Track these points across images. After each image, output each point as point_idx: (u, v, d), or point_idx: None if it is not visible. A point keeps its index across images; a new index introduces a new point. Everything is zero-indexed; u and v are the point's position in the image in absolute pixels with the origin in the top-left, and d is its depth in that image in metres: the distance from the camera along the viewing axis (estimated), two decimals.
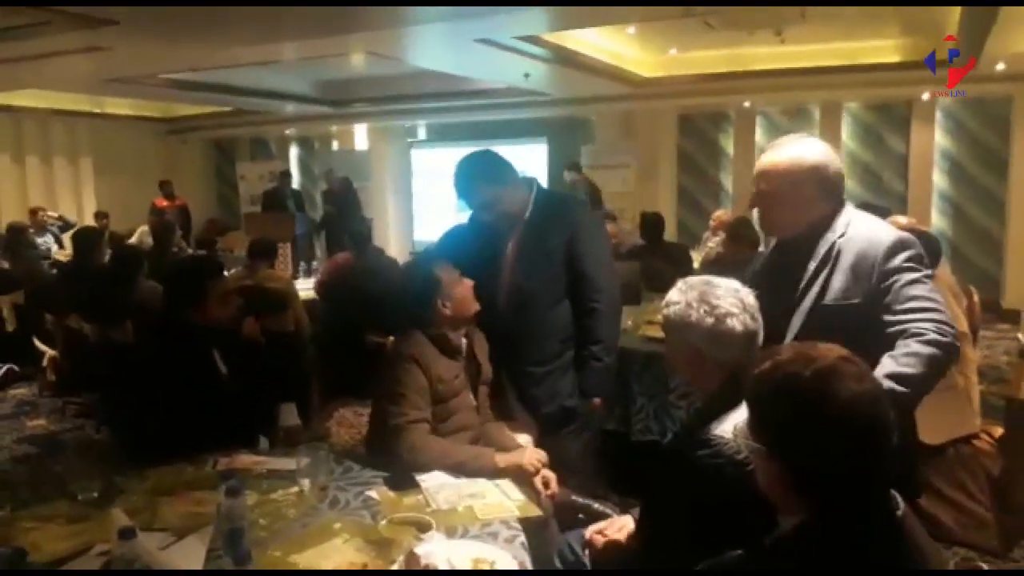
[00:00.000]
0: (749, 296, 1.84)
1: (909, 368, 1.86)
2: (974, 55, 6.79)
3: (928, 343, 1.88)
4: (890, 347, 1.92)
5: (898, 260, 2.00)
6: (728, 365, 1.78)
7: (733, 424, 1.65)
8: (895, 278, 1.98)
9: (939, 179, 8.94)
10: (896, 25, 7.56)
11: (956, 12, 6.28)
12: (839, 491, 1.23)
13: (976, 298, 4.46)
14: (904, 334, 1.91)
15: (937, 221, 8.88)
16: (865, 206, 2.22)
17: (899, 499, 1.26)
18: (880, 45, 7.99)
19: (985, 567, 1.49)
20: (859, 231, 2.08)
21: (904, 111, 9.02)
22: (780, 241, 2.31)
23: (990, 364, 5.82)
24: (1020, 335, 6.67)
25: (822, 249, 2.08)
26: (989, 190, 8.70)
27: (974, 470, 3.30)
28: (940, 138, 8.89)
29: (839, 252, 2.06)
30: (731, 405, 1.69)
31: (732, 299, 1.80)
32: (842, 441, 1.21)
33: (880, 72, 8.07)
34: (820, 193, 2.11)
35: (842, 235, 2.08)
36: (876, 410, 1.24)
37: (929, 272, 2.04)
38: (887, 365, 1.88)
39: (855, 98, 9.19)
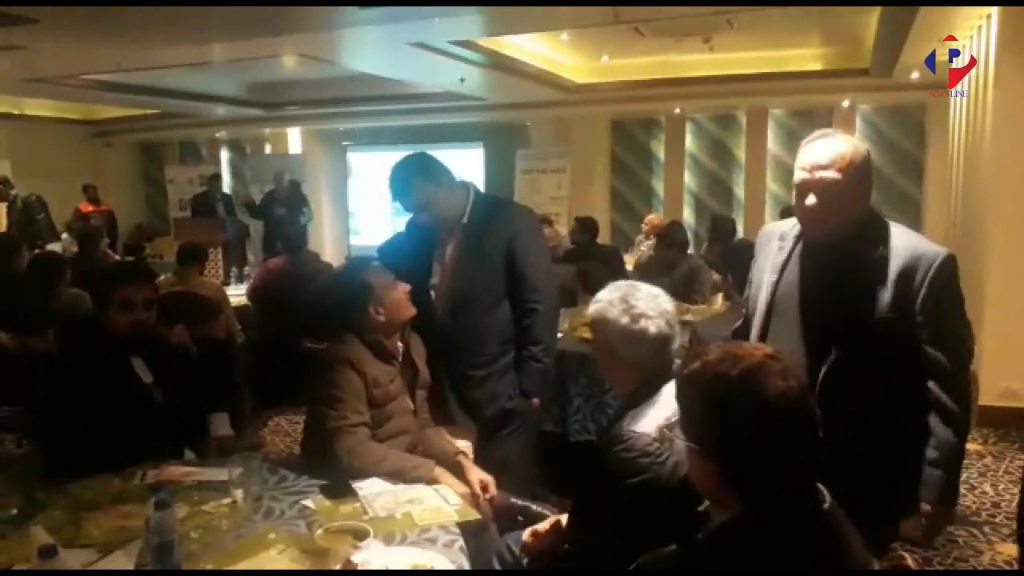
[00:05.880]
0: (668, 303, 1.96)
1: (957, 419, 1.89)
2: (890, 65, 7.08)
3: (959, 400, 1.89)
4: (919, 362, 1.90)
5: (950, 279, 1.90)
6: (639, 365, 1.89)
7: (649, 420, 1.77)
8: (942, 297, 1.89)
9: None
10: (818, 35, 7.85)
11: (873, 24, 6.55)
12: (768, 485, 1.27)
13: None
14: (938, 375, 1.89)
15: None
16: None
17: (825, 492, 1.31)
18: (803, 54, 8.29)
19: (908, 557, 1.55)
20: (901, 241, 1.93)
21: (826, 117, 9.35)
22: (811, 245, 2.01)
23: None
24: None
25: (871, 257, 1.91)
26: (906, 193, 9.08)
27: None
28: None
29: (887, 263, 1.90)
30: (642, 402, 1.82)
31: (650, 303, 1.91)
32: (770, 437, 1.25)
33: (803, 80, 8.39)
34: (868, 188, 1.95)
35: (884, 244, 1.92)
36: (802, 405, 1.28)
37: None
38: (940, 431, 1.88)
39: (780, 105, 9.50)
